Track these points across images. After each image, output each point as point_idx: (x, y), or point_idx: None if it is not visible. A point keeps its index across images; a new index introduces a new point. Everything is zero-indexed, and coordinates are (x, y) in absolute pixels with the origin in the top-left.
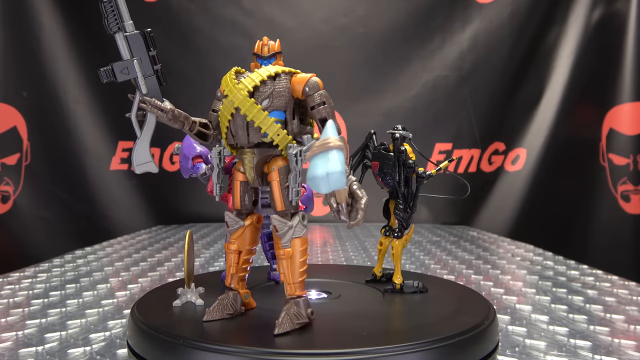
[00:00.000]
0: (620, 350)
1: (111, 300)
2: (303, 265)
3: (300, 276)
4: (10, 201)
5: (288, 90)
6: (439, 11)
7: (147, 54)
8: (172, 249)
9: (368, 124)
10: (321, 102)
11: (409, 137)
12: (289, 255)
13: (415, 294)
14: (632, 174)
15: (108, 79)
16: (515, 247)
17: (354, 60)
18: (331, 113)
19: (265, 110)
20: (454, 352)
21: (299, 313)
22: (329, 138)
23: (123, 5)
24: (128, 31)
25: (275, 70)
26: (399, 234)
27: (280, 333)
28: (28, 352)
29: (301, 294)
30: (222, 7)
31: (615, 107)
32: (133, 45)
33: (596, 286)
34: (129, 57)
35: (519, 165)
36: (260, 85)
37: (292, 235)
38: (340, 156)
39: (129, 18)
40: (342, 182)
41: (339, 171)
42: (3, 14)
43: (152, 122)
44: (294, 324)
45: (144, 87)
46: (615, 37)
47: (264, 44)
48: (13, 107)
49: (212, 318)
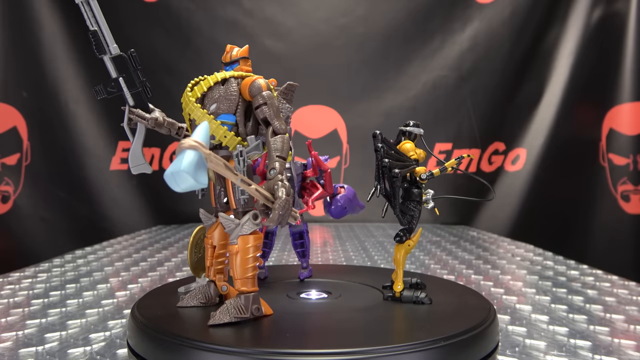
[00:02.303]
0: (620, 350)
1: (111, 300)
2: (251, 261)
3: (247, 272)
4: (10, 201)
5: (237, 94)
6: (439, 11)
7: (131, 72)
8: (172, 249)
9: (368, 124)
10: (262, 103)
11: (420, 133)
12: (235, 252)
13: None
14: (632, 174)
15: (101, 96)
16: (515, 247)
17: (354, 60)
18: (273, 114)
19: (213, 114)
20: (454, 352)
21: (241, 307)
22: (187, 139)
23: (107, 32)
24: (113, 54)
25: (224, 75)
26: (399, 238)
27: (212, 324)
28: (28, 352)
29: (249, 290)
30: (222, 7)
31: (615, 107)
32: (118, 66)
33: (596, 286)
34: (115, 75)
35: (519, 165)
36: (208, 91)
37: (239, 232)
38: (191, 156)
39: (112, 42)
40: (189, 182)
41: (181, 170)
42: (3, 14)
43: (142, 129)
44: (232, 317)
45: (130, 100)
46: (615, 37)
47: (227, 52)
48: (13, 107)
49: (186, 305)
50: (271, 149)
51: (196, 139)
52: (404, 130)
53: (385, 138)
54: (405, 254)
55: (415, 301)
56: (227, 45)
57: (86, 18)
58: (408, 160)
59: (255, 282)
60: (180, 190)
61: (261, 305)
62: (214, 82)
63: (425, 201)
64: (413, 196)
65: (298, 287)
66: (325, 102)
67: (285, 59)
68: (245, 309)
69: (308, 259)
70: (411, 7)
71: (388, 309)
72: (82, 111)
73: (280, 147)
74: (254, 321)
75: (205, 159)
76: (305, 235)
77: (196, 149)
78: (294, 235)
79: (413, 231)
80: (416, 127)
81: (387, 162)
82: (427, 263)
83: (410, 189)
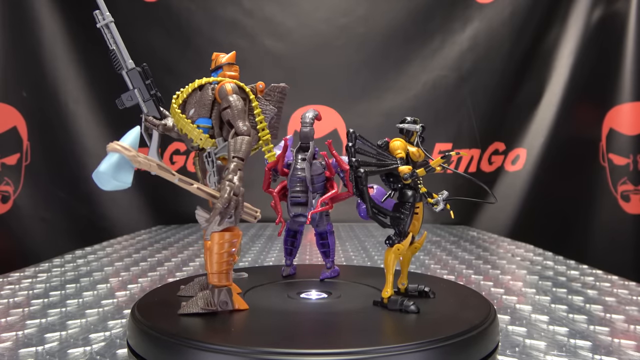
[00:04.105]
0: (620, 350)
1: (111, 300)
2: (223, 257)
3: (219, 267)
4: (10, 201)
5: (212, 99)
6: (439, 11)
7: (144, 84)
8: (172, 249)
9: (368, 124)
10: (227, 106)
11: (415, 130)
12: (208, 247)
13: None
14: (632, 174)
15: (122, 106)
16: (515, 247)
17: (354, 60)
18: (235, 116)
19: (191, 118)
20: (454, 352)
21: (210, 300)
22: (112, 142)
23: (124, 50)
24: (129, 68)
25: (200, 81)
26: (390, 242)
27: (181, 313)
28: (28, 352)
29: (219, 284)
30: (222, 7)
31: (615, 107)
32: (133, 78)
33: (596, 286)
34: (131, 87)
35: (519, 165)
36: (188, 98)
37: (212, 229)
38: (112, 159)
39: (128, 58)
40: (111, 182)
41: (100, 172)
42: (3, 15)
43: (156, 134)
44: (199, 309)
45: (144, 108)
46: (615, 37)
47: (212, 59)
48: (13, 107)
49: (185, 294)
50: (230, 149)
51: (121, 142)
52: (350, 131)
53: (360, 136)
54: (395, 259)
55: (401, 309)
56: (213, 53)
57: (106, 39)
58: (390, 159)
59: (227, 277)
60: (107, 189)
61: (231, 300)
62: (191, 89)
63: (435, 202)
64: (404, 198)
65: (298, 287)
66: (325, 102)
67: (285, 59)
68: (213, 302)
69: (332, 259)
70: (411, 7)
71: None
72: (82, 111)
73: (238, 147)
74: (255, 321)
75: (131, 160)
76: (328, 235)
77: (117, 152)
78: (318, 236)
79: (405, 235)
80: (414, 123)
81: (353, 162)
82: (427, 263)
83: (403, 190)
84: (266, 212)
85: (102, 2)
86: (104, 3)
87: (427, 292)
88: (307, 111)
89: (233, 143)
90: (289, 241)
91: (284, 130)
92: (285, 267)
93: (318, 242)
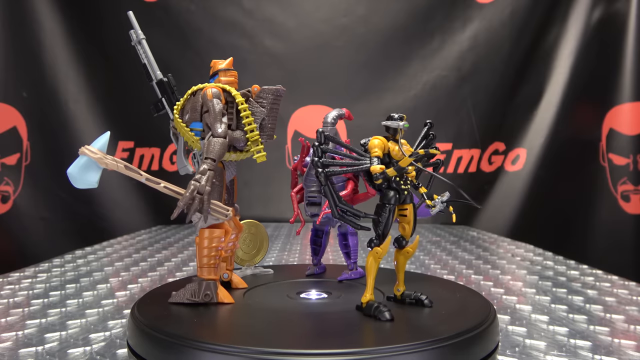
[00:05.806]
0: (620, 350)
1: (111, 300)
2: (210, 251)
3: (206, 261)
4: (10, 201)
5: (200, 103)
6: (439, 11)
7: (169, 92)
8: (172, 249)
9: (368, 124)
10: (206, 110)
11: (398, 127)
12: (196, 242)
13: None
14: (632, 174)
15: (154, 113)
16: (515, 247)
17: (354, 60)
18: (212, 119)
19: (186, 122)
20: (454, 352)
21: (195, 292)
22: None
23: (154, 64)
24: (158, 79)
25: (194, 88)
26: (369, 243)
27: (170, 302)
28: (28, 352)
29: (206, 278)
30: (222, 7)
31: (615, 107)
32: (160, 88)
33: (596, 286)
34: (160, 96)
35: (519, 165)
36: (185, 104)
37: (200, 225)
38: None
39: (157, 70)
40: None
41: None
42: (3, 15)
43: (182, 137)
44: (184, 299)
45: (170, 115)
46: (615, 37)
47: (211, 66)
48: (13, 107)
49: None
50: (204, 150)
51: (89, 146)
52: (321, 130)
53: (329, 136)
54: (374, 262)
55: (375, 316)
56: (212, 61)
57: (139, 54)
58: (362, 157)
59: (213, 270)
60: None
61: (214, 293)
62: (188, 95)
63: (433, 205)
64: (384, 198)
65: (298, 287)
66: (325, 102)
67: (285, 59)
68: (198, 293)
69: (353, 261)
70: (411, 7)
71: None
72: (82, 111)
73: (212, 149)
74: (255, 321)
75: (98, 162)
76: (348, 237)
77: (85, 155)
78: (341, 236)
79: (384, 237)
80: (399, 120)
81: (316, 162)
82: (427, 263)
83: (385, 191)
84: None
85: (135, 22)
86: (136, 23)
87: (423, 300)
88: (331, 111)
89: (207, 144)
90: (315, 240)
91: (284, 131)
92: (311, 266)
93: (341, 243)
